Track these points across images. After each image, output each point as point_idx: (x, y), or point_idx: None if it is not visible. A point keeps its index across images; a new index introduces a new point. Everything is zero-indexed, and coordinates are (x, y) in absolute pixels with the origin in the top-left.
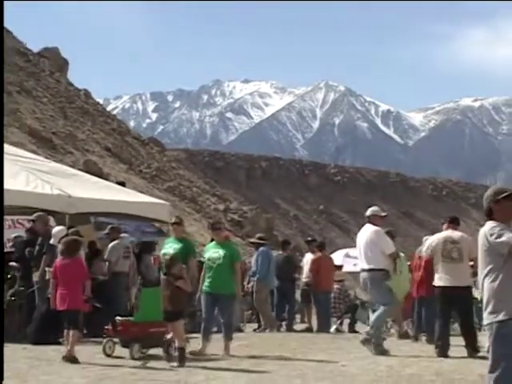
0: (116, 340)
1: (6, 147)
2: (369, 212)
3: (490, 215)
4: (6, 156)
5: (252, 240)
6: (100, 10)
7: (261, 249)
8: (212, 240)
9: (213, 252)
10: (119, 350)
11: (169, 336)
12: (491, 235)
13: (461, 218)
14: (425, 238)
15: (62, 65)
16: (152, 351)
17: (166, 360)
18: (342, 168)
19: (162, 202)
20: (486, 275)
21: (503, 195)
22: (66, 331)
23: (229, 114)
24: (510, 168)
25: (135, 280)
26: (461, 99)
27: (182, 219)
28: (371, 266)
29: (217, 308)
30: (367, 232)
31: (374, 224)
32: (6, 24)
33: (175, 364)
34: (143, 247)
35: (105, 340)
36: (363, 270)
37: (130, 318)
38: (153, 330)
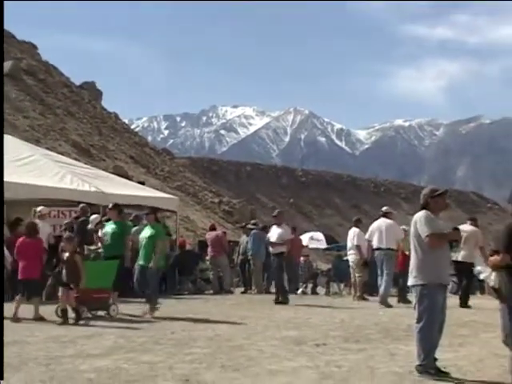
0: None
1: (56, 156)
2: (384, 209)
3: (425, 207)
4: (55, 162)
5: (249, 226)
6: (126, 53)
7: (253, 231)
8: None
9: (145, 232)
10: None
11: (110, 301)
12: (420, 221)
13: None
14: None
15: (97, 94)
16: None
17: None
18: (307, 171)
19: (171, 196)
20: (413, 249)
21: (437, 193)
22: (20, 295)
23: (222, 131)
24: (430, 171)
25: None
26: (394, 120)
27: (118, 205)
28: (388, 246)
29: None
30: (384, 223)
31: (389, 218)
32: (56, 63)
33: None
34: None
35: (57, 305)
36: (380, 249)
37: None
38: (97, 296)
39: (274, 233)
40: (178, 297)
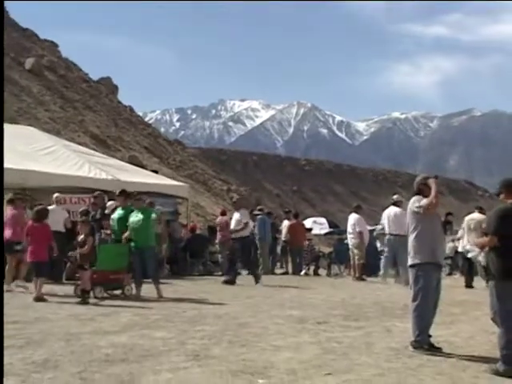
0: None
1: (75, 146)
2: (395, 198)
3: (418, 193)
4: (74, 152)
5: (255, 212)
6: (140, 50)
7: (259, 217)
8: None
9: (135, 216)
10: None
11: (125, 281)
12: (414, 204)
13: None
14: None
15: (113, 89)
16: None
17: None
18: (309, 161)
19: (183, 184)
20: (410, 232)
21: (428, 179)
22: (35, 278)
23: (230, 123)
24: (424, 161)
25: (165, 238)
26: (392, 113)
27: (124, 191)
28: (398, 232)
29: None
30: (393, 211)
31: (399, 206)
32: (75, 59)
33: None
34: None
35: (75, 285)
36: (391, 234)
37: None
38: (112, 277)
39: (233, 219)
40: (188, 278)
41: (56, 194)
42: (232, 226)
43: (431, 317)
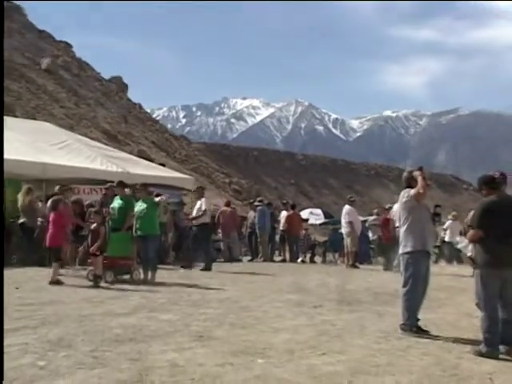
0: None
1: (88, 141)
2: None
3: (407, 186)
4: (87, 146)
5: (255, 203)
6: (149, 51)
7: (259, 208)
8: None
9: (139, 206)
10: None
11: (132, 267)
12: (404, 197)
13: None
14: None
15: (124, 87)
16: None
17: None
18: (306, 156)
19: (188, 177)
20: (402, 223)
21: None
22: (55, 264)
23: (232, 120)
24: (414, 156)
25: (171, 227)
26: (383, 111)
27: (122, 182)
28: None
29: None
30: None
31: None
32: (88, 59)
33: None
34: None
35: (87, 270)
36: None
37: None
38: (121, 263)
39: (194, 208)
40: (191, 265)
41: (57, 187)
42: (194, 213)
43: (420, 301)
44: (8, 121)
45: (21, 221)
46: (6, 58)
